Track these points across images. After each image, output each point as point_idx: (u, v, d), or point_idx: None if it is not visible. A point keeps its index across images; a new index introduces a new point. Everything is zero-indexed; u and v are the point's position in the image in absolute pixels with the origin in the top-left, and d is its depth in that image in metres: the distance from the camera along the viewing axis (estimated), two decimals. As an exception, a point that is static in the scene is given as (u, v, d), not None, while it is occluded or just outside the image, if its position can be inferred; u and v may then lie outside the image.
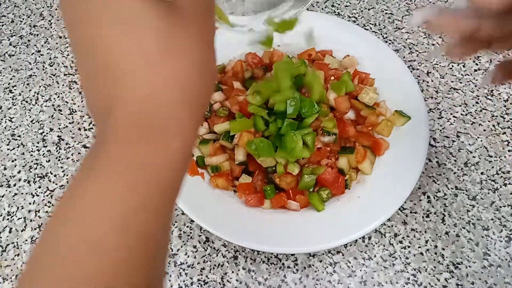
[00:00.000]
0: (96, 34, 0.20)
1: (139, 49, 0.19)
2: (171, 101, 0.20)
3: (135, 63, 0.19)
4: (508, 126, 0.56)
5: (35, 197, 0.54)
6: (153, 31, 0.19)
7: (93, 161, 0.20)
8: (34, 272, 0.19)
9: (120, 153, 0.19)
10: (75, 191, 0.20)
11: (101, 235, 0.18)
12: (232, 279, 0.47)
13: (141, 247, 0.20)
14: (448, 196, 0.51)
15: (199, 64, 0.21)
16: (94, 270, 0.18)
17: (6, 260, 0.49)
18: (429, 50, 0.63)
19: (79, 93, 0.62)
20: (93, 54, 0.20)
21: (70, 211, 0.19)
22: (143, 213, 0.19)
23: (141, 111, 0.19)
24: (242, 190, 0.49)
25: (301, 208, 0.48)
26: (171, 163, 0.20)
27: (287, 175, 0.49)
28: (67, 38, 0.68)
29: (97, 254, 0.18)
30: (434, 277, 0.46)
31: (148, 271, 0.20)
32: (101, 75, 0.20)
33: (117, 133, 0.19)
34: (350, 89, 0.53)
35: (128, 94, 0.19)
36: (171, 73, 0.20)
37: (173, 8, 0.20)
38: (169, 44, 0.20)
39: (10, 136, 0.59)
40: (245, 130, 0.50)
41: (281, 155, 0.48)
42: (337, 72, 0.56)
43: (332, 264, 0.47)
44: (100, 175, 0.19)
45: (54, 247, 0.19)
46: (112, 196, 0.19)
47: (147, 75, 0.19)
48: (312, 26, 0.48)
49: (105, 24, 0.19)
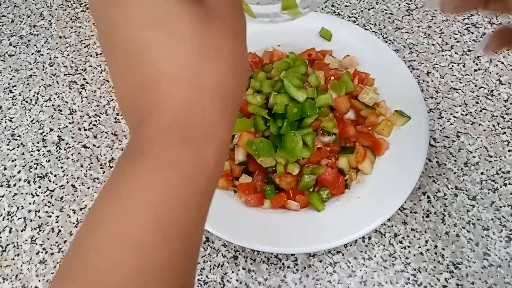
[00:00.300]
0: (130, 38, 0.20)
1: (174, 54, 0.19)
2: (206, 105, 0.20)
3: (170, 69, 0.19)
4: (508, 126, 0.56)
5: (35, 197, 0.54)
6: (188, 35, 0.19)
7: (129, 163, 0.20)
8: (72, 271, 0.19)
9: (157, 156, 0.19)
10: (113, 193, 0.20)
11: (141, 235, 0.19)
12: (232, 279, 0.47)
13: (178, 248, 0.20)
14: (448, 196, 0.51)
15: (233, 65, 0.21)
16: (135, 269, 0.19)
17: (6, 260, 0.49)
18: (429, 50, 0.63)
19: (79, 93, 0.62)
20: (127, 58, 0.20)
21: (109, 212, 0.20)
22: (181, 214, 0.20)
23: (177, 116, 0.20)
24: (242, 190, 0.49)
25: (301, 208, 0.48)
26: (207, 165, 0.20)
27: (287, 175, 0.49)
28: (67, 38, 0.68)
29: (138, 254, 0.19)
30: (434, 277, 0.46)
31: (184, 270, 0.21)
32: (135, 80, 0.20)
33: (154, 137, 0.20)
34: (350, 89, 0.53)
35: (163, 99, 0.20)
36: (206, 78, 0.20)
37: (206, 9, 0.20)
38: (204, 47, 0.20)
39: (10, 136, 0.59)
40: (245, 130, 0.50)
41: (281, 155, 0.48)
42: (337, 72, 0.56)
43: (332, 264, 0.47)
44: (136, 178, 0.19)
45: (96, 245, 0.19)
46: (150, 198, 0.19)
47: (182, 81, 0.20)
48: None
49: (139, 27, 0.19)
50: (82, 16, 0.70)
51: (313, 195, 0.48)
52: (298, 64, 0.53)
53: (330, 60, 0.57)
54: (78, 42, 0.67)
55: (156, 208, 0.19)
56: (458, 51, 0.62)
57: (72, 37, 0.68)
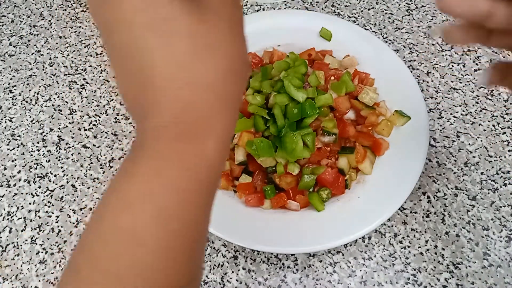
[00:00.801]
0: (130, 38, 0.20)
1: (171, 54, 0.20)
2: (203, 102, 0.21)
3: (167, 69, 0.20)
4: (508, 126, 0.56)
5: (35, 197, 0.54)
6: (183, 34, 0.20)
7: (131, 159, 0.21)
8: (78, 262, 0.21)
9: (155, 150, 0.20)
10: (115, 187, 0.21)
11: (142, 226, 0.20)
12: (232, 279, 0.47)
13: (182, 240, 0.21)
14: (448, 196, 0.51)
15: (231, 60, 0.21)
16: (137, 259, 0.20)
17: (6, 260, 0.49)
18: (429, 50, 0.63)
19: (79, 93, 0.62)
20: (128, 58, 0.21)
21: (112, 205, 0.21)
22: (183, 208, 0.20)
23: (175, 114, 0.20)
24: (242, 190, 0.49)
25: (301, 208, 0.48)
26: (208, 160, 0.21)
27: (287, 175, 0.49)
28: (67, 38, 0.68)
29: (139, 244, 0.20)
30: (434, 277, 0.46)
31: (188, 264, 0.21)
32: (137, 79, 0.21)
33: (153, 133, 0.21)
34: (350, 89, 0.53)
35: (162, 99, 0.20)
36: (203, 75, 0.20)
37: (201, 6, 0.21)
38: (200, 45, 0.20)
39: (10, 136, 0.59)
40: (245, 130, 0.50)
41: (281, 155, 0.48)
42: (337, 72, 0.56)
43: (332, 264, 0.47)
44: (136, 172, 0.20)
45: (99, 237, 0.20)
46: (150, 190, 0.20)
47: (179, 80, 0.20)
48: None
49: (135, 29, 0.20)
50: (82, 16, 0.70)
51: (313, 195, 0.48)
52: (298, 64, 0.53)
53: (330, 60, 0.57)
54: (78, 42, 0.67)
55: (156, 200, 0.20)
56: (458, 51, 0.62)
57: (72, 37, 0.68)
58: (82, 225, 0.52)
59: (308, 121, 0.49)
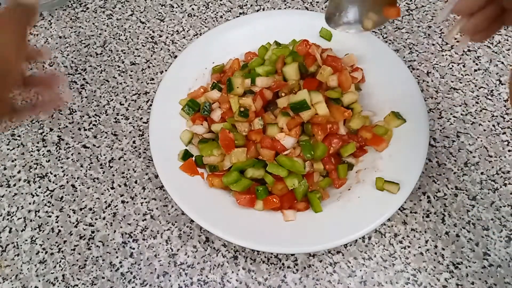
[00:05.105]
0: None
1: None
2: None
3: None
4: (508, 126, 0.56)
5: (35, 197, 0.54)
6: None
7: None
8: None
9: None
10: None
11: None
12: (232, 279, 0.47)
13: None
14: (448, 196, 0.51)
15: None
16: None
17: (6, 260, 0.49)
18: (429, 50, 0.63)
19: (79, 93, 0.62)
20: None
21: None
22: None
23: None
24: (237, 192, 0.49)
25: (301, 211, 0.48)
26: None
27: (277, 183, 0.48)
28: (67, 38, 0.68)
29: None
30: (434, 277, 0.46)
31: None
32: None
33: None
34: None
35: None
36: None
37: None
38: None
39: (10, 136, 0.59)
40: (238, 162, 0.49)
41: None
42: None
43: (332, 264, 0.47)
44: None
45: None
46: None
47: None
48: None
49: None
50: (82, 16, 0.70)
51: (313, 195, 0.48)
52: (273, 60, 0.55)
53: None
54: (78, 42, 0.67)
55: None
56: (458, 51, 0.62)
57: (72, 37, 0.68)
58: (82, 225, 0.52)
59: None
